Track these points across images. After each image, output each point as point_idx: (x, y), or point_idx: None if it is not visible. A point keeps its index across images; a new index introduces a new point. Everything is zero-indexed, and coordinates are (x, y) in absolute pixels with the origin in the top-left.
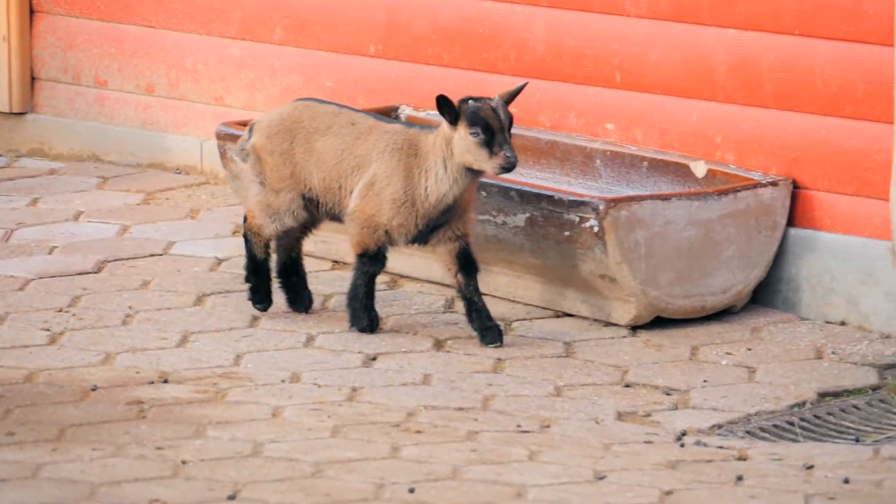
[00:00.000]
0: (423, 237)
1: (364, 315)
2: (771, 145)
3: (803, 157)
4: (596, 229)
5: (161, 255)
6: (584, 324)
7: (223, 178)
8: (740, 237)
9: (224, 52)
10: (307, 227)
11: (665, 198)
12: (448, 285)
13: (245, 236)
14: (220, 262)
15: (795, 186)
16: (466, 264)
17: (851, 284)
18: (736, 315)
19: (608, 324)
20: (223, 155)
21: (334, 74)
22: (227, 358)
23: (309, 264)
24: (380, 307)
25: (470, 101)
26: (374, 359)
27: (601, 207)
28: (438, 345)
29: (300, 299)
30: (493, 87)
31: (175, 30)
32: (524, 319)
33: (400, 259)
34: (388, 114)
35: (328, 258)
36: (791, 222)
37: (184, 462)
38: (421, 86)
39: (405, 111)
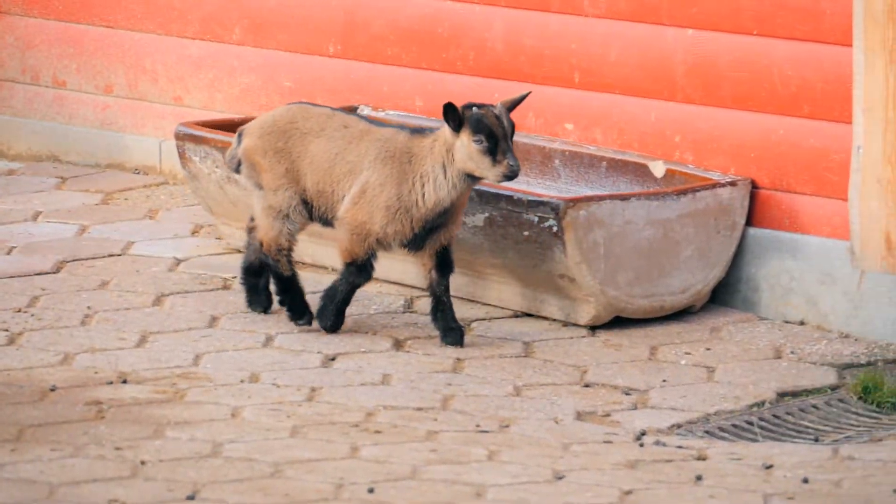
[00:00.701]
0: (418, 242)
1: (332, 315)
2: (730, 145)
3: (762, 157)
4: (555, 229)
5: (120, 255)
6: (543, 324)
7: (182, 179)
8: (699, 237)
9: (183, 52)
10: None
11: (624, 198)
12: (408, 285)
13: (266, 263)
14: (178, 262)
15: (754, 186)
16: (443, 263)
17: (810, 284)
18: (695, 315)
19: (567, 324)
20: (182, 155)
21: (293, 74)
22: (186, 358)
23: None
24: None
25: (473, 108)
26: (333, 359)
27: (560, 207)
28: (398, 345)
29: (260, 300)
30: (452, 86)
31: (134, 30)
32: (483, 319)
33: None
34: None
35: None
36: (750, 222)
37: (143, 462)
38: (380, 85)
39: (364, 111)
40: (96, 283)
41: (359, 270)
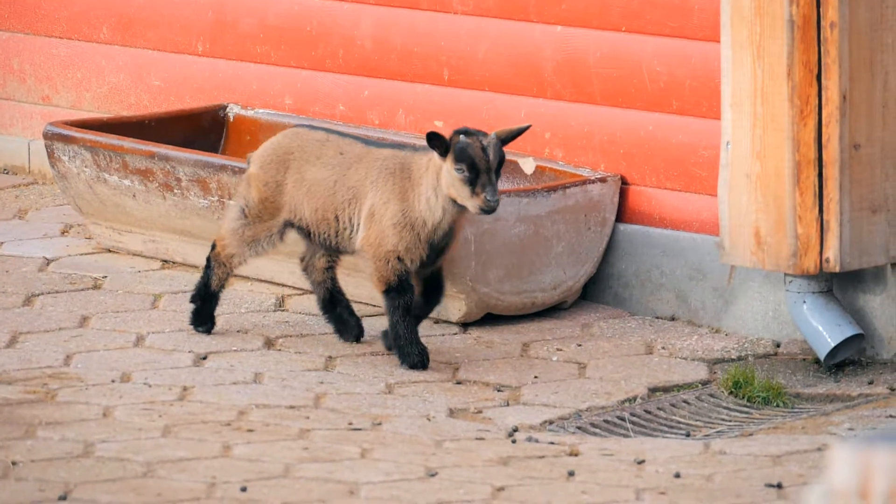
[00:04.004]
0: (430, 262)
1: (411, 348)
2: (599, 142)
3: (632, 154)
4: None
5: None
6: None
7: (51, 178)
8: (570, 233)
9: (51, 52)
10: (332, 256)
11: None
12: (279, 283)
13: (209, 262)
14: (49, 262)
15: (624, 182)
16: (435, 288)
17: (680, 280)
18: (566, 311)
19: (439, 321)
20: (51, 155)
21: (162, 73)
22: (57, 358)
23: (137, 263)
24: None
25: (462, 136)
26: (204, 358)
27: None
28: (269, 343)
29: (348, 328)
30: (321, 84)
31: (1, 29)
32: None
33: None
34: (217, 112)
35: (157, 258)
36: (620, 218)
37: (14, 463)
38: (248, 84)
39: (233, 110)
40: None
41: (399, 291)
